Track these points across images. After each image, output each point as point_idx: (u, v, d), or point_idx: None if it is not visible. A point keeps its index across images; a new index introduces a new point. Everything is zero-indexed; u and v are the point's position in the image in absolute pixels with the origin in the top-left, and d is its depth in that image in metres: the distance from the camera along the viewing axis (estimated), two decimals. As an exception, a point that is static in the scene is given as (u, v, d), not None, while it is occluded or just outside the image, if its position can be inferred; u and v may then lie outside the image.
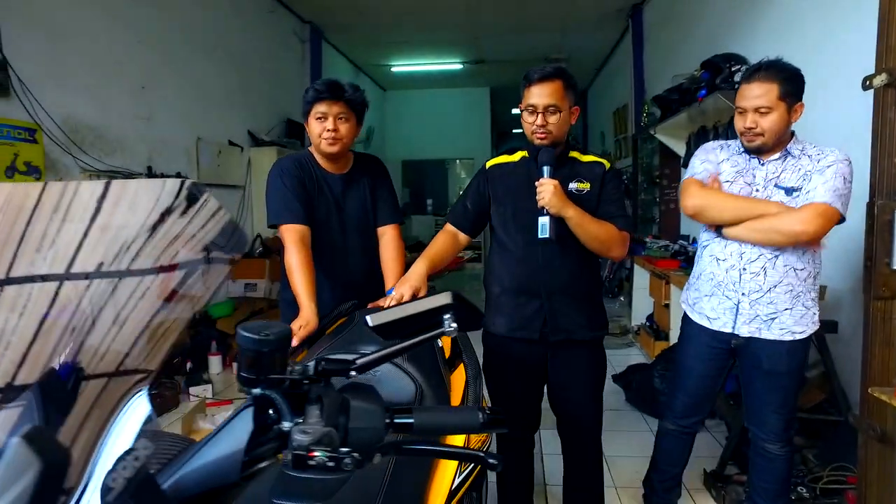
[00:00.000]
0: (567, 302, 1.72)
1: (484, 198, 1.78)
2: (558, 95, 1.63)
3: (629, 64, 6.44)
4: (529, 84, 1.65)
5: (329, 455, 0.56)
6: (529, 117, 1.65)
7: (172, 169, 4.08)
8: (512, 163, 1.78)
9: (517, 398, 1.81)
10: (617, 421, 3.12)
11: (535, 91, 1.63)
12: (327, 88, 1.79)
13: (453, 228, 1.82)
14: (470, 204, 1.81)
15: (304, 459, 0.55)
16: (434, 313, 0.72)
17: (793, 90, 1.67)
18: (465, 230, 1.82)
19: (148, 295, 0.54)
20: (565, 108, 1.65)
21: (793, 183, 1.71)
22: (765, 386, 1.79)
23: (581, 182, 1.70)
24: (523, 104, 1.67)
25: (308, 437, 0.55)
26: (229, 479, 0.53)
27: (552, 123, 1.63)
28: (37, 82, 2.90)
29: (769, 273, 1.72)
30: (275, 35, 5.91)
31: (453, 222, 1.83)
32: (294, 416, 0.58)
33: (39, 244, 0.55)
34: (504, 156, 1.81)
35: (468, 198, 1.82)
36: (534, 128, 1.64)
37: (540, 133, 1.64)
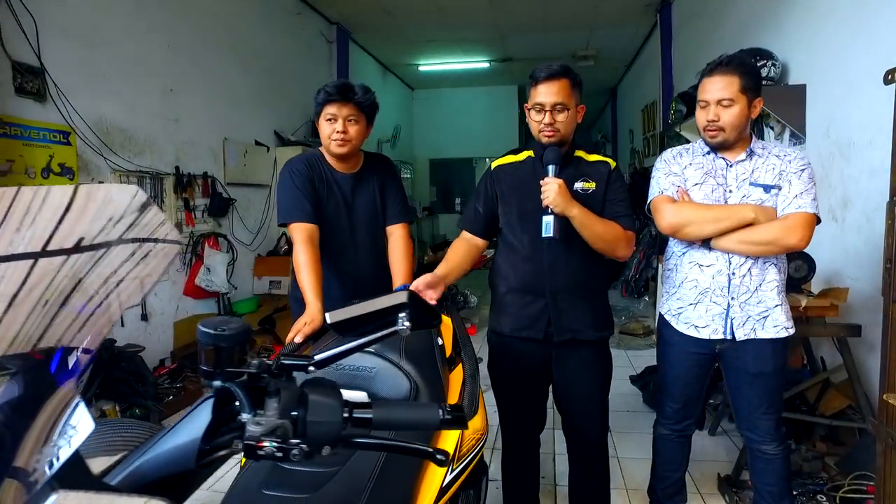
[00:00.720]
0: (572, 301, 1.71)
1: (492, 199, 1.78)
2: (565, 93, 1.62)
3: (657, 60, 6.31)
4: (536, 82, 1.65)
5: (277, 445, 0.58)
6: (537, 115, 1.65)
7: (199, 169, 4.21)
8: (517, 163, 1.78)
9: (522, 398, 1.81)
10: (633, 422, 3.08)
11: (543, 89, 1.62)
12: (337, 91, 1.83)
13: (469, 235, 1.81)
14: (480, 207, 1.80)
15: (254, 449, 0.57)
16: (390, 312, 0.74)
17: (752, 85, 1.66)
18: (479, 234, 1.81)
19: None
20: (572, 107, 1.64)
21: (770, 180, 1.68)
22: (753, 389, 1.76)
23: (587, 181, 1.69)
24: (530, 103, 1.67)
25: (260, 429, 0.57)
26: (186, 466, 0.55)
27: (560, 122, 1.63)
28: (71, 87, 3.04)
29: (754, 272, 1.70)
30: (302, 36, 6.01)
31: (467, 228, 1.82)
32: (254, 409, 0.61)
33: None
34: (510, 156, 1.81)
35: (478, 201, 1.81)
36: (541, 126, 1.64)
37: (547, 131, 1.64)
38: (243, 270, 4.74)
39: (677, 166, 1.81)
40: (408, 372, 1.30)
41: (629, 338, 4.84)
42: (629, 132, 8.86)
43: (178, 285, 4.00)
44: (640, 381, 3.41)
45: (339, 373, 1.30)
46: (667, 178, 1.80)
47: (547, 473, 2.50)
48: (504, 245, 1.79)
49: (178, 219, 3.96)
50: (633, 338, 4.84)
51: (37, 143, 2.87)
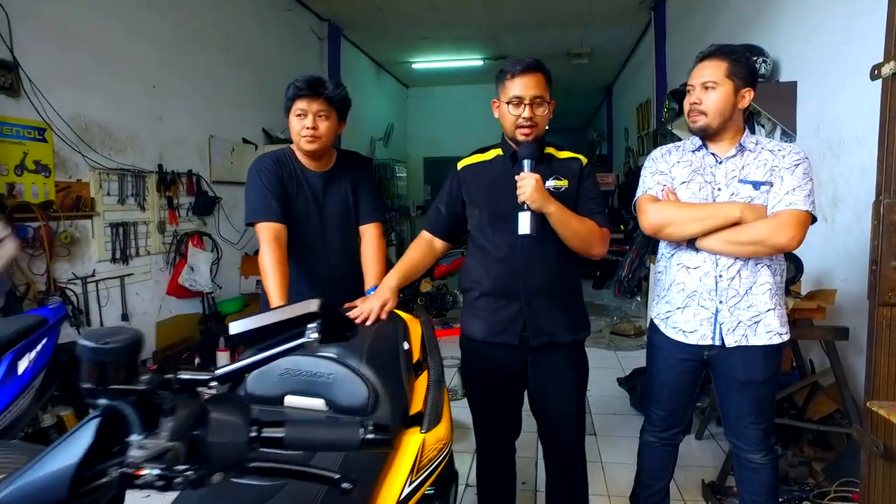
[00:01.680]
0: (548, 304, 1.66)
1: (458, 200, 1.71)
2: (543, 87, 1.58)
3: (652, 58, 6.25)
4: (513, 76, 1.59)
5: (159, 473, 0.52)
6: (514, 110, 1.59)
7: (184, 167, 4.14)
8: (485, 162, 1.71)
9: (496, 404, 1.75)
10: (619, 426, 3.02)
11: (521, 82, 1.57)
12: (307, 85, 1.77)
13: (429, 235, 1.75)
14: (444, 208, 1.73)
15: (130, 477, 0.51)
16: (298, 322, 0.67)
17: (742, 72, 1.59)
18: (441, 236, 1.74)
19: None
20: (547, 102, 1.60)
21: (760, 177, 1.61)
22: (742, 397, 1.69)
23: (559, 179, 1.63)
24: (504, 97, 1.61)
25: (143, 453, 0.51)
26: (58, 497, 0.49)
27: (539, 115, 1.58)
28: (47, 82, 2.97)
29: (744, 275, 1.62)
30: (292, 33, 5.94)
31: (429, 228, 1.76)
32: (147, 429, 0.55)
33: None
34: (477, 155, 1.74)
35: (441, 201, 1.74)
36: (520, 121, 1.58)
37: (526, 126, 1.58)
38: (230, 270, 4.68)
39: (665, 164, 1.74)
40: (367, 378, 1.24)
41: (620, 338, 4.78)
42: (624, 131, 8.80)
43: (161, 284, 3.94)
44: (627, 383, 3.35)
45: (295, 379, 1.25)
46: (652, 176, 1.74)
47: (528, 479, 2.44)
48: (475, 248, 1.72)
49: (161, 217, 3.90)
50: (623, 338, 4.78)
51: (10, 140, 2.80)
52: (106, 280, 3.42)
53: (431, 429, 1.26)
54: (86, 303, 3.26)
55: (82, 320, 3.21)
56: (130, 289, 3.63)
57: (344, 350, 1.34)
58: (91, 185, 3.30)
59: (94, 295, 3.34)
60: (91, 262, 3.32)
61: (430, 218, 1.76)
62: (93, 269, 3.32)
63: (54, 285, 3.00)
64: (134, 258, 3.65)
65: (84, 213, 3.24)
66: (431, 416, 1.27)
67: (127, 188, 3.58)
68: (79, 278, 3.20)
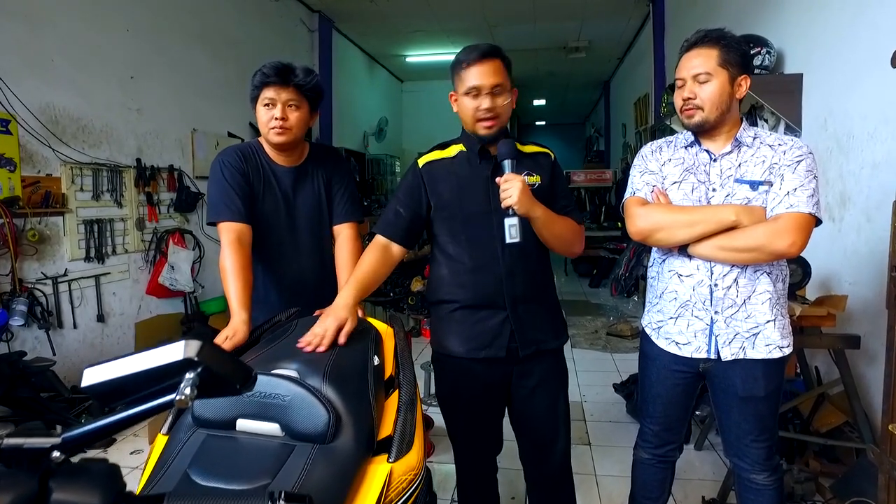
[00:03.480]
0: (534, 311, 1.52)
1: (420, 202, 1.53)
2: (502, 74, 1.43)
3: (650, 52, 6.11)
4: (468, 64, 1.42)
5: None
6: (472, 102, 1.43)
7: (165, 161, 3.98)
8: (447, 159, 1.54)
9: (477, 423, 1.61)
10: (614, 434, 2.88)
11: (477, 71, 1.41)
12: (275, 72, 1.62)
13: (384, 240, 1.53)
14: (403, 209, 1.53)
15: None
16: (172, 371, 0.52)
17: (736, 59, 1.44)
18: (399, 240, 1.53)
19: None
20: (508, 89, 1.45)
21: (758, 176, 1.46)
22: (742, 414, 1.55)
23: (531, 175, 1.49)
24: (460, 89, 1.45)
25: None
26: None
27: (500, 105, 1.43)
28: (10, 71, 2.81)
29: (741, 283, 1.48)
30: (281, 24, 5.77)
31: (384, 232, 1.54)
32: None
33: None
34: (437, 151, 1.57)
35: (400, 202, 1.54)
36: (479, 113, 1.43)
37: (487, 119, 1.43)
38: (213, 268, 4.51)
39: (655, 163, 1.60)
40: (329, 400, 1.10)
41: (616, 340, 4.64)
42: (622, 126, 8.66)
43: (140, 284, 3.79)
44: (623, 389, 3.21)
45: (247, 400, 1.10)
46: (641, 176, 1.60)
47: (518, 494, 2.30)
48: (443, 256, 1.55)
49: (139, 214, 3.74)
50: (620, 339, 4.64)
51: (-29, 132, 2.65)
52: (79, 280, 3.27)
53: (401, 457, 1.12)
54: (57, 304, 3.11)
55: (52, 322, 3.06)
56: (107, 288, 3.48)
57: (305, 366, 1.20)
58: (62, 180, 3.14)
59: (67, 295, 3.19)
60: (63, 260, 3.16)
61: (387, 221, 1.55)
62: (65, 269, 3.16)
63: (20, 286, 2.84)
64: (110, 256, 3.50)
65: (55, 209, 3.09)
66: (401, 443, 1.13)
67: (102, 183, 3.42)
68: (49, 278, 3.05)
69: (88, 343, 3.34)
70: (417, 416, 1.25)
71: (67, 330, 3.19)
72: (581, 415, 3.13)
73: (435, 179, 1.52)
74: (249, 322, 1.45)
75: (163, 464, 1.04)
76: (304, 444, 1.05)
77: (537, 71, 9.68)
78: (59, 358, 3.09)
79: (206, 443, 1.07)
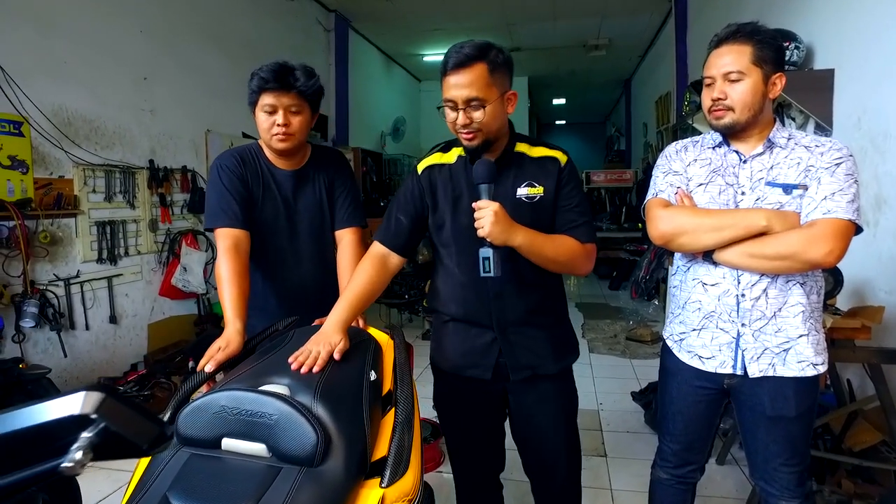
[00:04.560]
0: (527, 333, 1.41)
1: (419, 208, 1.45)
2: (481, 84, 1.25)
3: (672, 49, 5.95)
4: (443, 73, 1.28)
5: None
6: (451, 114, 1.29)
7: (178, 162, 3.97)
8: (447, 165, 1.44)
9: (474, 440, 1.53)
10: (632, 446, 2.77)
11: (450, 82, 1.26)
12: (274, 76, 1.54)
13: (383, 249, 1.45)
14: (404, 216, 1.44)
15: None
16: (66, 428, 0.44)
17: (770, 56, 1.33)
18: (398, 250, 1.45)
19: None
20: (493, 99, 1.27)
21: (792, 179, 1.34)
22: (770, 435, 1.43)
23: (532, 186, 1.36)
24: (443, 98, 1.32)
25: None
26: None
27: (478, 121, 1.27)
28: (23, 73, 2.80)
29: (771, 294, 1.36)
30: (296, 24, 5.75)
31: (384, 240, 1.46)
32: None
33: None
34: (437, 154, 1.46)
35: (400, 210, 1.46)
36: (456, 128, 1.31)
37: (465, 134, 1.29)
38: (227, 269, 4.51)
39: (679, 163, 1.49)
40: (319, 419, 1.03)
41: (636, 345, 4.51)
42: (643, 126, 8.48)
43: (153, 285, 3.78)
44: (642, 398, 3.10)
45: (233, 418, 1.04)
46: (665, 177, 1.50)
47: (529, 508, 2.21)
48: (441, 265, 1.48)
49: (152, 215, 3.73)
50: (640, 345, 4.51)
51: (-18, 134, 2.65)
52: (92, 281, 3.26)
53: (395, 481, 1.04)
54: (69, 305, 3.11)
55: (64, 324, 3.06)
56: (119, 290, 3.48)
57: (297, 382, 1.13)
58: (75, 181, 3.14)
59: (79, 297, 3.18)
60: (75, 262, 3.16)
61: (387, 229, 1.46)
62: (77, 270, 3.16)
63: (32, 287, 2.84)
64: (123, 258, 3.49)
65: (67, 211, 3.08)
66: (395, 466, 1.05)
67: (115, 185, 3.42)
68: (61, 280, 3.05)
69: (101, 345, 3.34)
70: (415, 435, 1.17)
71: (80, 331, 3.19)
72: (597, 424, 3.02)
73: (433, 186, 1.44)
74: (244, 332, 1.40)
75: (143, 485, 0.98)
76: (291, 467, 0.99)
77: (557, 69, 9.54)
78: (71, 360, 3.10)
79: (188, 463, 1.01)
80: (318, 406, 1.06)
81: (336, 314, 1.31)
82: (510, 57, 1.33)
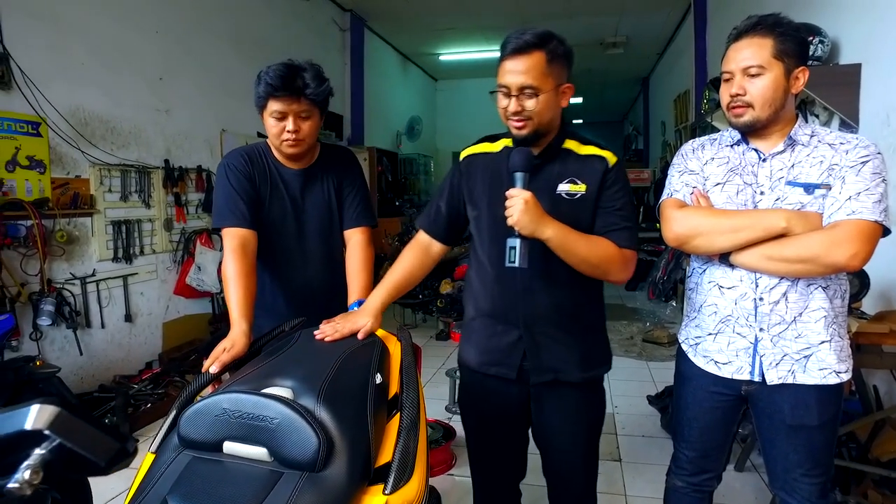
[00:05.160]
0: (554, 335, 1.37)
1: (459, 196, 1.45)
2: (537, 72, 1.23)
3: (691, 46, 5.85)
4: (502, 57, 1.26)
5: None
6: (503, 100, 1.27)
7: (193, 162, 4.00)
8: (492, 154, 1.42)
9: (495, 442, 1.50)
10: (647, 450, 2.71)
11: (509, 66, 1.24)
12: (283, 83, 1.51)
13: (426, 238, 1.49)
14: (444, 205, 1.46)
15: None
16: (15, 444, 0.41)
17: (793, 49, 1.26)
18: (439, 238, 1.47)
19: None
20: (548, 89, 1.24)
21: (814, 178, 1.28)
22: (791, 444, 1.37)
23: (574, 183, 1.33)
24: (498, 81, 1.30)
25: None
26: None
27: (530, 109, 1.25)
28: (41, 74, 2.84)
29: (791, 298, 1.30)
30: (312, 23, 5.77)
31: (426, 228, 1.49)
32: None
33: None
34: (484, 143, 1.46)
35: (442, 198, 1.47)
36: (507, 114, 1.28)
37: (516, 122, 1.27)
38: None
39: (696, 162, 1.44)
40: (321, 422, 1.00)
41: (652, 347, 4.43)
42: (661, 124, 8.35)
43: (168, 284, 3.81)
44: (658, 401, 3.03)
45: (234, 422, 1.02)
46: (680, 176, 1.44)
47: (542, 514, 2.17)
48: (474, 258, 1.46)
49: (167, 215, 3.76)
50: (656, 347, 4.43)
51: (0, 134, 2.68)
52: (107, 280, 3.30)
53: (398, 488, 1.01)
54: (85, 303, 3.14)
55: (80, 322, 3.09)
56: (134, 289, 3.51)
57: (301, 384, 1.11)
58: (91, 181, 3.17)
59: (95, 295, 3.21)
60: (91, 261, 3.19)
61: (429, 216, 1.49)
62: (93, 269, 3.19)
63: (49, 286, 2.87)
64: (138, 257, 3.52)
65: (83, 210, 3.11)
66: (399, 473, 1.03)
67: (130, 184, 3.45)
68: (77, 278, 3.08)
69: (116, 343, 3.37)
70: (420, 440, 1.14)
71: (95, 329, 3.22)
72: (612, 428, 2.96)
73: (472, 174, 1.42)
74: (250, 333, 1.38)
75: (143, 488, 0.97)
76: (293, 472, 0.96)
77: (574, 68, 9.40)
78: (86, 357, 3.13)
79: (189, 466, 0.99)
80: (322, 409, 1.04)
81: (372, 297, 1.38)
82: (571, 49, 1.30)
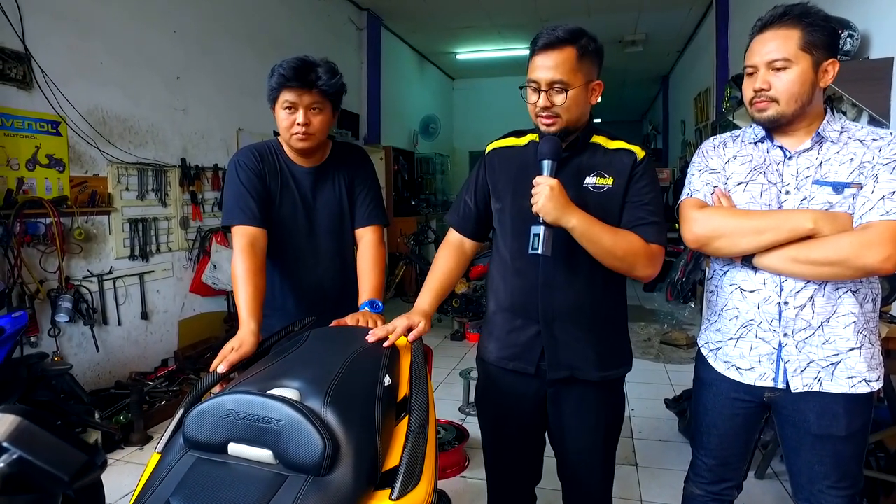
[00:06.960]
0: (572, 331, 1.35)
1: (485, 190, 1.44)
2: (567, 67, 1.23)
3: (712, 44, 5.73)
4: (532, 52, 1.28)
5: None
6: (532, 96, 1.28)
7: (209, 160, 4.02)
8: (518, 147, 1.41)
9: (510, 440, 1.47)
10: (664, 455, 2.65)
11: (539, 62, 1.25)
12: (295, 74, 1.51)
13: (457, 235, 1.49)
14: (470, 199, 1.46)
15: None
16: None
17: (822, 40, 1.20)
18: (469, 234, 1.48)
19: None
20: (578, 84, 1.24)
21: (843, 177, 1.22)
22: (816, 454, 1.31)
23: (602, 176, 1.31)
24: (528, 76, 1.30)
25: None
26: None
27: (559, 105, 1.25)
28: (61, 74, 2.87)
29: (818, 303, 1.24)
30: (328, 23, 5.77)
31: (456, 226, 1.49)
32: None
33: None
34: (511, 138, 1.44)
35: (469, 192, 1.47)
36: (536, 110, 1.28)
37: (545, 117, 1.27)
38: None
39: (717, 160, 1.39)
40: (327, 425, 0.98)
41: (670, 349, 4.35)
42: (681, 123, 8.22)
43: (184, 282, 3.83)
44: (676, 405, 2.97)
45: (239, 423, 1.00)
46: (701, 175, 1.39)
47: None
48: (497, 251, 1.45)
49: (184, 213, 3.78)
50: (675, 349, 4.35)
51: (21, 133, 2.71)
52: (124, 277, 3.33)
53: (406, 493, 0.99)
54: (102, 301, 3.17)
55: (97, 319, 3.12)
56: (151, 286, 3.54)
57: (308, 385, 1.09)
58: (109, 179, 3.20)
59: (112, 293, 3.25)
60: (108, 259, 3.22)
61: (457, 212, 1.49)
62: (110, 267, 3.22)
63: (67, 283, 2.91)
64: (154, 255, 3.55)
65: (101, 208, 3.15)
66: (406, 478, 1.00)
67: (147, 183, 3.48)
68: (95, 276, 3.11)
69: (132, 340, 3.40)
70: (429, 444, 1.12)
71: (112, 327, 3.26)
72: (628, 432, 2.90)
73: (495, 167, 1.42)
74: (259, 332, 1.36)
75: (147, 489, 0.96)
76: (298, 475, 0.94)
77: (591, 66, 9.34)
78: (103, 354, 3.16)
79: (194, 468, 0.98)
80: (328, 411, 1.02)
81: (421, 300, 1.40)
82: (601, 46, 1.30)
